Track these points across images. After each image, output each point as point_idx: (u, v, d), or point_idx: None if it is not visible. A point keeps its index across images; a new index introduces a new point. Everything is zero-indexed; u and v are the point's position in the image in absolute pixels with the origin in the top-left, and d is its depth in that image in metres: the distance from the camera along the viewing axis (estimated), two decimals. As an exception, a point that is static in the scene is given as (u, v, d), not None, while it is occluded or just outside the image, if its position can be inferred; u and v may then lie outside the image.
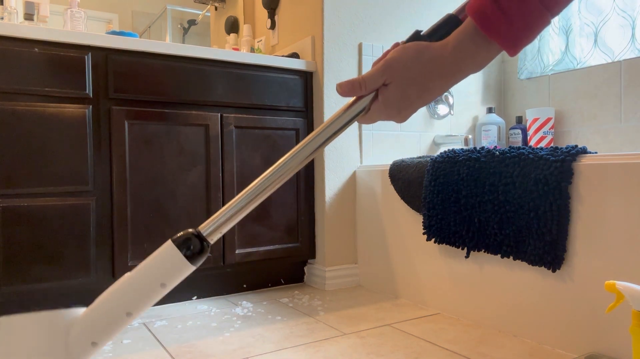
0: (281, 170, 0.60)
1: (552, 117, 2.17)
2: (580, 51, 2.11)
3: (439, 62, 0.51)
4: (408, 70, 0.52)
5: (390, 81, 0.53)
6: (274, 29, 2.34)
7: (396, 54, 0.53)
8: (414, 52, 0.52)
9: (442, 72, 0.51)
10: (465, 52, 0.50)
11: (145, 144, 1.67)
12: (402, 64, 0.52)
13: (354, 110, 0.58)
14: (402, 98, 0.54)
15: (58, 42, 1.52)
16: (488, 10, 0.48)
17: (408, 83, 0.52)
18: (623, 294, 0.84)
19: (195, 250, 0.56)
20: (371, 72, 0.55)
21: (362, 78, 0.55)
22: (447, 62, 0.51)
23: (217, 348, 1.34)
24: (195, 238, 0.57)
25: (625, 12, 1.94)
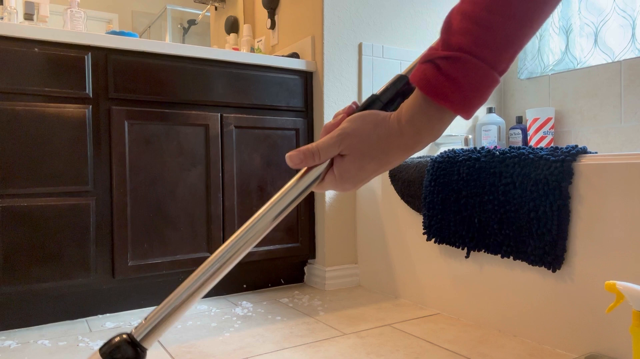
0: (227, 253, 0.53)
1: (552, 117, 2.17)
2: (581, 51, 2.11)
3: (396, 137, 0.49)
4: (365, 143, 0.50)
5: (347, 153, 0.51)
6: (274, 29, 2.34)
7: (353, 124, 0.50)
8: (371, 125, 0.50)
9: (400, 145, 0.50)
10: (420, 124, 0.48)
11: (145, 144, 1.67)
12: (359, 137, 0.50)
13: (308, 180, 0.53)
14: (358, 171, 0.51)
15: (58, 42, 1.52)
16: (431, 78, 0.46)
17: (366, 157, 0.50)
18: (623, 294, 0.84)
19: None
20: (326, 140, 0.51)
21: (315, 147, 0.52)
22: (404, 136, 0.49)
23: (217, 348, 1.34)
24: (128, 344, 0.50)
25: (625, 12, 1.94)
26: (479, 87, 0.46)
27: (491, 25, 0.44)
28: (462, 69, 0.45)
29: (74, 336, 1.46)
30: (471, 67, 0.45)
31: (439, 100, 0.46)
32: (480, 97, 0.47)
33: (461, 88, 0.45)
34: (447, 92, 0.46)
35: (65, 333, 1.49)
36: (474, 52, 0.45)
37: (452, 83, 0.45)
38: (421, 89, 0.47)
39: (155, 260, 1.68)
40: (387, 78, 2.13)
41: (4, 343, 1.40)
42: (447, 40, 0.46)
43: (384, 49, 2.12)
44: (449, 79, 0.45)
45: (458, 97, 0.46)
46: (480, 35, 0.45)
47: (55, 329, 1.52)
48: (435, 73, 0.46)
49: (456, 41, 0.45)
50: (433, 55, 0.47)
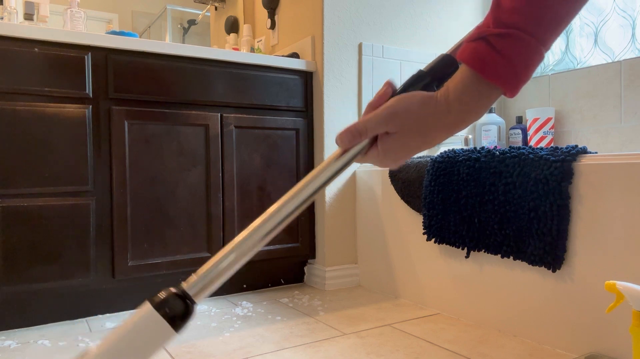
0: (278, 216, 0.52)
1: (552, 117, 2.17)
2: (581, 51, 2.11)
3: (443, 114, 0.50)
4: (412, 122, 0.50)
5: (394, 131, 0.51)
6: (274, 29, 2.34)
7: (401, 102, 0.51)
8: (419, 104, 0.50)
9: (446, 124, 0.50)
10: (469, 102, 0.49)
11: (145, 144, 1.67)
12: (407, 116, 0.50)
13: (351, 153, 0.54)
14: (402, 149, 0.52)
15: (58, 42, 1.52)
16: (485, 55, 0.47)
17: (412, 134, 0.51)
18: (623, 294, 0.84)
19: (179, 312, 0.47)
20: (374, 118, 0.52)
21: (363, 125, 0.53)
22: (451, 114, 0.49)
23: (217, 348, 1.34)
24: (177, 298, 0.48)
25: (626, 12, 1.94)
26: (530, 64, 0.47)
27: (543, 3, 0.45)
28: (515, 46, 0.46)
29: (74, 336, 1.46)
30: (524, 44, 0.46)
31: (491, 77, 0.47)
32: (528, 74, 0.48)
33: (514, 66, 0.46)
34: (500, 69, 0.46)
35: (65, 333, 1.49)
36: (527, 30, 0.45)
37: (506, 60, 0.46)
38: (472, 66, 0.47)
39: (155, 260, 1.68)
40: (387, 78, 2.13)
41: (4, 343, 1.40)
42: (499, 17, 0.47)
43: (384, 49, 2.12)
44: (502, 56, 0.46)
45: (510, 73, 0.46)
46: (533, 13, 0.45)
47: (55, 329, 1.52)
48: (489, 50, 0.46)
49: (508, 18, 0.46)
50: (485, 33, 0.47)
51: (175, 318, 0.47)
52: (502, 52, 0.46)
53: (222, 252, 0.51)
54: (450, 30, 2.35)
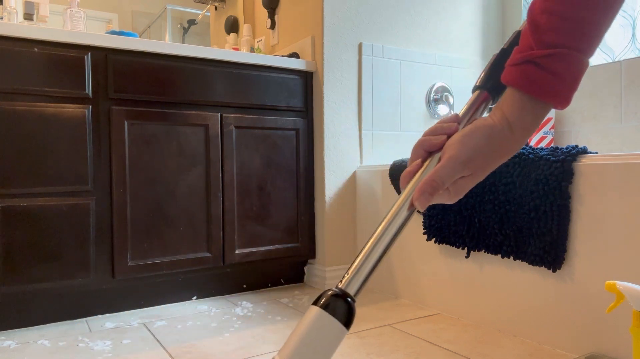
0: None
1: (552, 117, 2.17)
2: (581, 51, 2.10)
3: (509, 142, 0.51)
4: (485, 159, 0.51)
5: (469, 174, 0.51)
6: (274, 29, 2.34)
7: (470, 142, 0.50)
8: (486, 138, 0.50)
9: (511, 149, 0.51)
10: (529, 124, 0.50)
11: (145, 144, 1.66)
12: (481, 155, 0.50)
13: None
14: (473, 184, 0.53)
15: (58, 41, 1.52)
16: (537, 77, 0.48)
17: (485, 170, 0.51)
18: (623, 294, 0.83)
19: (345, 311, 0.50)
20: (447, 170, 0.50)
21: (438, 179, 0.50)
22: (517, 140, 0.51)
23: (216, 348, 1.34)
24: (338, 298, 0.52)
25: (626, 12, 1.94)
26: (578, 76, 0.49)
27: (580, 19, 0.47)
28: (563, 63, 0.48)
29: (73, 336, 1.45)
30: (571, 60, 0.48)
31: (546, 97, 0.48)
32: (577, 84, 0.49)
33: (564, 82, 0.48)
34: (553, 88, 0.48)
35: (65, 333, 1.49)
36: (570, 46, 0.47)
37: (558, 79, 0.48)
38: (527, 90, 0.49)
39: (155, 260, 1.68)
40: (387, 78, 2.13)
41: (3, 343, 1.40)
42: (540, 39, 0.48)
43: (384, 49, 2.12)
44: (554, 75, 0.48)
45: (563, 90, 0.48)
46: (573, 29, 0.47)
47: (55, 329, 1.52)
48: (539, 72, 0.48)
49: (550, 39, 0.48)
50: (532, 56, 0.48)
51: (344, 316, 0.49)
52: (552, 72, 0.48)
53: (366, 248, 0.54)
54: (450, 30, 2.34)
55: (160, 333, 1.47)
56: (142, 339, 1.42)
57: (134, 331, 1.49)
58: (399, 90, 2.17)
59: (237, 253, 1.83)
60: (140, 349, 1.34)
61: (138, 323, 1.58)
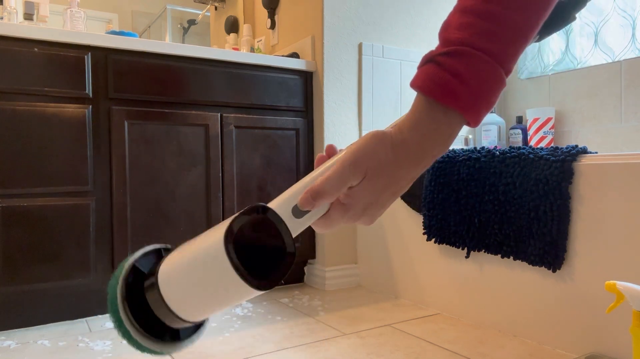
0: None
1: (552, 117, 2.17)
2: (581, 51, 2.11)
3: (402, 147, 0.44)
4: (376, 163, 0.44)
5: (360, 179, 0.44)
6: (274, 29, 2.34)
7: (359, 148, 0.44)
8: (375, 143, 0.44)
9: (408, 157, 0.44)
10: (424, 130, 0.43)
11: (145, 144, 1.66)
12: (369, 158, 0.43)
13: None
14: (372, 197, 0.45)
15: (58, 41, 1.52)
16: (433, 76, 0.42)
17: (378, 178, 0.44)
18: (623, 294, 0.84)
19: None
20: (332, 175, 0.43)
21: (320, 186, 0.43)
22: (410, 146, 0.44)
23: (217, 348, 1.34)
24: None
25: (626, 12, 1.94)
26: (486, 84, 0.42)
27: (494, 17, 0.41)
28: (465, 63, 0.41)
29: (73, 336, 1.45)
30: (476, 60, 0.41)
31: (444, 99, 0.42)
32: (488, 97, 0.43)
33: (467, 84, 0.42)
34: (453, 89, 0.42)
35: (65, 333, 1.49)
36: (477, 45, 0.41)
37: (457, 79, 0.42)
38: (422, 91, 0.43)
39: (155, 260, 1.68)
40: (387, 78, 2.13)
41: (3, 343, 1.40)
42: (447, 37, 0.43)
43: (384, 49, 2.12)
44: (453, 75, 0.42)
45: (465, 93, 0.42)
46: (483, 27, 0.41)
47: (55, 329, 1.52)
48: (437, 70, 0.42)
49: (456, 36, 0.42)
50: (432, 54, 0.43)
51: None
52: (452, 71, 0.41)
53: None
54: (450, 30, 2.34)
55: (160, 333, 1.47)
56: (142, 339, 1.42)
57: (134, 331, 1.49)
58: (399, 90, 2.17)
59: (237, 253, 1.83)
60: (140, 349, 1.34)
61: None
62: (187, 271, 0.43)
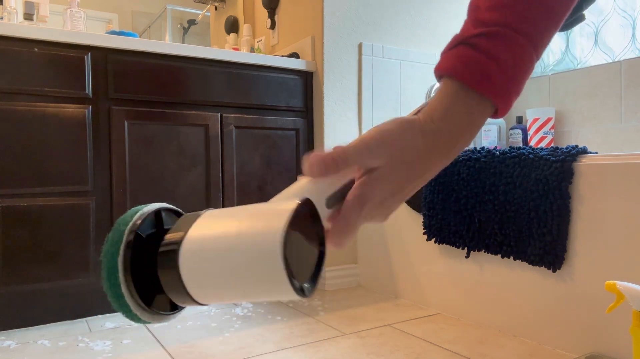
0: None
1: (552, 117, 2.17)
2: (581, 51, 2.11)
3: (431, 138, 0.39)
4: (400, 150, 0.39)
5: (380, 164, 0.39)
6: (274, 29, 2.34)
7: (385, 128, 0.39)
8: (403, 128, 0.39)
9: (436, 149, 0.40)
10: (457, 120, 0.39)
11: (145, 144, 1.66)
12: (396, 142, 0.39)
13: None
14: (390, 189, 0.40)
15: (58, 42, 1.52)
16: (467, 59, 0.39)
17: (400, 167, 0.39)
18: (623, 294, 0.83)
19: None
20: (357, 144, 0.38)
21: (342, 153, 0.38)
22: (441, 137, 0.40)
23: (217, 348, 1.34)
24: None
25: (626, 12, 1.94)
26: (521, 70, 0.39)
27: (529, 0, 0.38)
28: (501, 44, 0.38)
29: (73, 336, 1.45)
30: (512, 42, 0.38)
31: (478, 85, 0.38)
32: (521, 84, 0.40)
33: (502, 68, 0.38)
34: (488, 73, 0.38)
35: (65, 333, 1.49)
36: (514, 26, 0.38)
37: (494, 62, 0.38)
38: (455, 75, 0.39)
39: (155, 260, 1.68)
40: (387, 78, 2.13)
41: (3, 343, 1.40)
42: (478, 17, 0.39)
43: (384, 49, 2.12)
44: (489, 57, 0.38)
45: (499, 78, 0.38)
46: (518, 7, 0.38)
47: (55, 329, 1.52)
48: (471, 52, 0.38)
49: (490, 16, 0.39)
50: (465, 36, 0.39)
51: None
52: (487, 53, 0.38)
53: None
54: (450, 30, 2.34)
55: (160, 333, 1.47)
56: (142, 339, 1.42)
57: (134, 331, 1.49)
58: (399, 90, 2.17)
59: (237, 253, 1.83)
60: (140, 349, 1.34)
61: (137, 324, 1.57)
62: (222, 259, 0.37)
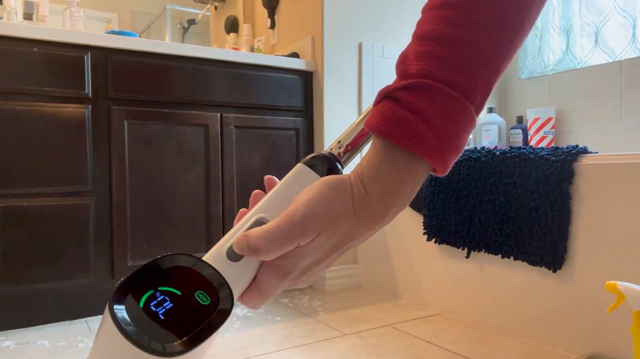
0: None
1: (552, 117, 2.17)
2: (581, 51, 2.10)
3: (363, 202, 0.36)
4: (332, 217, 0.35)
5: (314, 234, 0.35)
6: (274, 29, 2.34)
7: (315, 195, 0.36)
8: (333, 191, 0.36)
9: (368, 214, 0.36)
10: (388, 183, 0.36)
11: (144, 144, 1.66)
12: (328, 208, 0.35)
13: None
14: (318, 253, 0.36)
15: (57, 41, 1.51)
16: (391, 116, 0.35)
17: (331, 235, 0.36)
18: (624, 294, 0.83)
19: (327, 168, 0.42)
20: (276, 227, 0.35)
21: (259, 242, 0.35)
22: (372, 202, 0.36)
23: (217, 348, 1.34)
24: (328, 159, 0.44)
25: (626, 12, 1.94)
26: (454, 123, 0.35)
27: (459, 42, 0.34)
28: (428, 99, 0.34)
29: (73, 336, 1.45)
30: (440, 94, 0.34)
31: (406, 143, 0.34)
32: (457, 139, 0.35)
33: (432, 125, 0.34)
34: (415, 131, 0.34)
35: (64, 333, 1.48)
36: (440, 76, 0.34)
37: (420, 118, 0.34)
38: (380, 133, 0.35)
39: (155, 260, 1.67)
40: (387, 78, 2.13)
41: (3, 343, 1.39)
42: (404, 69, 0.36)
43: (384, 48, 2.12)
44: (414, 113, 0.34)
45: (430, 136, 0.34)
46: (446, 54, 0.34)
47: (55, 330, 1.51)
48: (396, 108, 0.35)
49: (415, 68, 0.35)
50: (388, 89, 0.36)
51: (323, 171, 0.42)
52: (412, 108, 0.34)
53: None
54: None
55: (160, 333, 1.47)
56: (142, 339, 1.42)
57: (133, 331, 1.49)
58: (399, 90, 2.17)
59: (237, 253, 1.83)
60: (140, 349, 1.34)
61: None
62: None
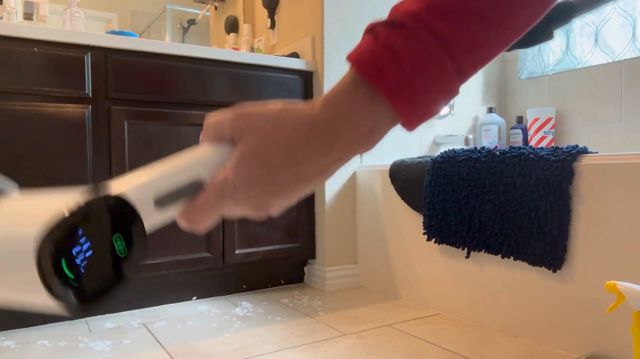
0: None
1: (552, 117, 2.17)
2: (581, 51, 2.10)
3: (309, 122, 0.35)
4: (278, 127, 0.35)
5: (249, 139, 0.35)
6: (274, 29, 2.34)
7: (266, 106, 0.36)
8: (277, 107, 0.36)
9: (311, 134, 0.35)
10: (338, 108, 0.34)
11: (145, 144, 1.66)
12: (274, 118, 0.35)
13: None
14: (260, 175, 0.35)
15: (57, 41, 1.51)
16: (365, 48, 0.34)
17: (272, 151, 0.35)
18: (624, 294, 0.83)
19: None
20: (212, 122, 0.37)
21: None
22: (318, 122, 0.35)
23: (217, 348, 1.34)
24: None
25: (626, 12, 1.94)
26: (425, 72, 0.33)
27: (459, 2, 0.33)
28: (404, 37, 0.33)
29: (73, 336, 1.45)
30: (419, 37, 0.33)
31: (368, 73, 0.34)
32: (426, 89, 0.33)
33: (399, 64, 0.33)
34: (380, 65, 0.33)
35: (64, 333, 1.48)
36: (424, 20, 0.33)
37: (390, 55, 0.33)
38: (348, 59, 0.35)
39: (155, 260, 1.68)
40: (387, 78, 2.13)
41: (3, 343, 1.39)
42: (395, 8, 0.35)
43: (384, 48, 2.11)
44: (385, 48, 0.33)
45: (393, 74, 0.33)
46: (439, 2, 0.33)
47: (55, 330, 1.51)
48: (371, 41, 0.34)
49: (404, 7, 0.34)
50: (373, 24, 0.35)
51: None
52: (384, 43, 0.33)
53: None
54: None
55: (160, 333, 1.47)
56: (142, 339, 1.42)
57: (133, 331, 1.49)
58: (399, 90, 2.17)
59: (237, 253, 1.83)
60: (140, 349, 1.34)
61: (138, 323, 1.57)
62: None
